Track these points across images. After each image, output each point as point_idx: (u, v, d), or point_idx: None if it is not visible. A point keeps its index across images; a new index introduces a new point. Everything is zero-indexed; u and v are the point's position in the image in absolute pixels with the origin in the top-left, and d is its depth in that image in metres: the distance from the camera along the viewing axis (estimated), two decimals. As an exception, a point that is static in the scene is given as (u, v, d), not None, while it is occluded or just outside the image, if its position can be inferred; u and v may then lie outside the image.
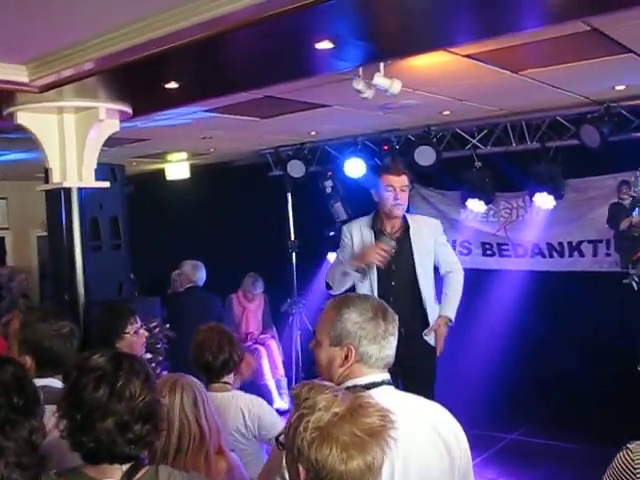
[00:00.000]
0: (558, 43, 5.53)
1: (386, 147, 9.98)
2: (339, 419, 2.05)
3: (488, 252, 10.14)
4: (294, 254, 10.93)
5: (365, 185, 7.27)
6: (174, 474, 2.66)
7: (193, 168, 12.11)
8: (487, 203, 9.74)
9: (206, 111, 7.51)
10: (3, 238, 13.15)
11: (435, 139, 9.63)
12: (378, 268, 5.69)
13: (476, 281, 8.57)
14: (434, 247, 5.93)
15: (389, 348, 2.81)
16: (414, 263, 5.79)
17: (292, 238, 11.10)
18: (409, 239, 5.86)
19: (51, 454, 2.40)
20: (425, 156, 9.28)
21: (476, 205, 9.77)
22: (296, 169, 10.43)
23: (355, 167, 9.99)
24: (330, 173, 10.40)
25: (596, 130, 8.14)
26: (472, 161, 9.53)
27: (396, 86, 5.69)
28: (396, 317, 2.87)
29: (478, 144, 9.58)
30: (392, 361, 2.85)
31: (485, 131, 9.51)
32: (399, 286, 5.78)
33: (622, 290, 8.63)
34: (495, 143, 9.46)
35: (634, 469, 2.66)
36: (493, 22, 4.05)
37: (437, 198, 10.35)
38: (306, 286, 10.90)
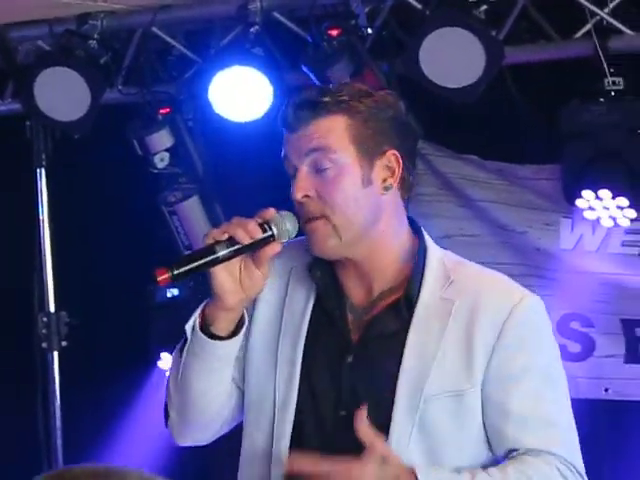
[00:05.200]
0: None
1: (333, 32, 3.99)
2: None
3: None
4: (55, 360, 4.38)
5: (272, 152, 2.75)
6: None
7: None
8: None
9: None
10: None
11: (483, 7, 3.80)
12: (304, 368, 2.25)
13: (612, 427, 4.27)
14: (486, 382, 2.14)
15: None
16: (389, 419, 2.17)
17: (50, 308, 4.54)
18: (401, 338, 2.21)
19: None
20: (459, 57, 3.82)
21: (607, 208, 4.05)
22: (62, 95, 4.27)
23: (241, 92, 4.15)
24: (167, 110, 4.46)
25: None
26: (596, 76, 3.85)
27: None
28: None
29: (613, 22, 3.83)
30: None
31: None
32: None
33: None
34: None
35: None
36: None
37: (489, 187, 4.40)
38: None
